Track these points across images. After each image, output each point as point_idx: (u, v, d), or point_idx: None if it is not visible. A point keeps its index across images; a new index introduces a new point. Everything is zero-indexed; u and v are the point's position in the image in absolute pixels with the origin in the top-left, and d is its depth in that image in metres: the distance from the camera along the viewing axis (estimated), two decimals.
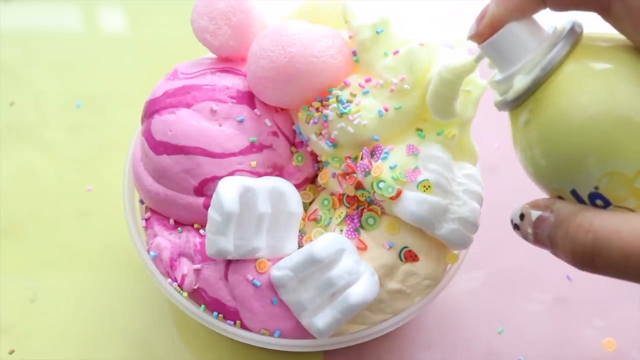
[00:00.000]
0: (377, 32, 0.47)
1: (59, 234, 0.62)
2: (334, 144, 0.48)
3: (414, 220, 0.46)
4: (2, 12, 0.75)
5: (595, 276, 0.44)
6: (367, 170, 0.46)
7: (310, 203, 0.51)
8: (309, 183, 0.52)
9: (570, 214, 0.37)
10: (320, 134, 0.48)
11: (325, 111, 0.48)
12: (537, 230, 0.39)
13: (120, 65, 0.73)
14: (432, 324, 0.58)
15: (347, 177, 0.47)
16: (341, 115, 0.47)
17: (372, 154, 0.47)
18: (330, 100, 0.48)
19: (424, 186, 0.45)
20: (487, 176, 0.51)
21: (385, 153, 0.46)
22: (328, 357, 0.55)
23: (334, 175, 0.49)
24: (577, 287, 0.60)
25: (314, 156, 0.51)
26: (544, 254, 0.63)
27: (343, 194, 0.49)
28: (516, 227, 0.40)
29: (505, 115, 0.64)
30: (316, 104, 0.48)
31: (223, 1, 0.49)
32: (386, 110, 0.47)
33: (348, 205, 0.49)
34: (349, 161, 0.47)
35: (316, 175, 0.52)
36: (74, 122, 0.69)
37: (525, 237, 0.41)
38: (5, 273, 0.60)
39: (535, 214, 0.39)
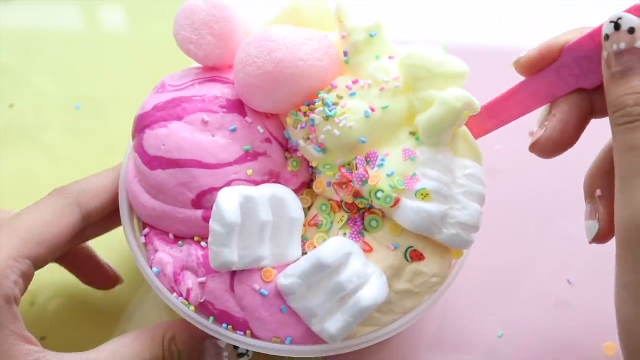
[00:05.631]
0: (371, 36, 0.47)
1: None
2: (323, 149, 0.48)
3: (413, 229, 0.46)
4: (2, 12, 0.76)
5: (595, 280, 0.44)
6: (364, 179, 0.46)
7: (309, 208, 0.51)
8: (305, 188, 0.51)
9: None
10: (309, 138, 0.48)
11: (312, 115, 0.47)
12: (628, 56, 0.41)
13: (119, 67, 0.74)
14: (432, 328, 0.58)
15: (343, 187, 0.47)
16: (327, 118, 0.47)
17: (368, 161, 0.47)
18: (317, 104, 0.47)
19: (422, 194, 0.45)
20: (488, 179, 0.51)
21: (382, 160, 0.46)
22: None
23: (329, 184, 0.48)
24: (578, 291, 0.60)
25: (307, 161, 0.51)
26: (545, 258, 0.62)
27: (341, 201, 0.48)
28: (607, 37, 0.42)
29: None
30: (304, 109, 0.48)
31: (204, 11, 0.49)
32: (372, 110, 0.46)
33: (348, 210, 0.48)
34: (343, 171, 0.47)
35: (312, 180, 0.51)
36: (74, 124, 0.70)
37: (608, 50, 0.42)
38: None
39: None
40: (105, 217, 0.52)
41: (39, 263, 0.49)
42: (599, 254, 0.60)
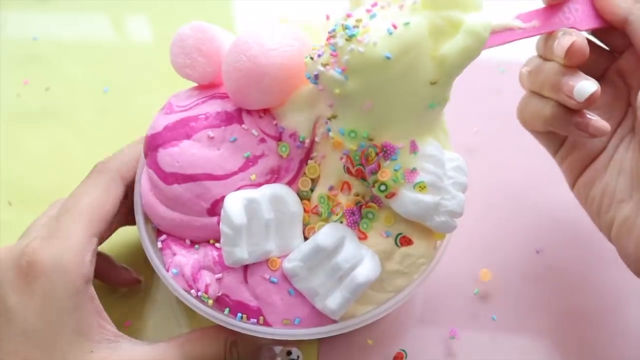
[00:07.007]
0: None
1: None
2: (345, 74, 0.46)
3: (409, 217, 0.49)
4: (39, 11, 0.82)
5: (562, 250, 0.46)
6: (374, 171, 0.48)
7: (312, 181, 0.52)
8: (305, 164, 0.52)
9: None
10: (328, 64, 0.46)
11: (332, 40, 0.46)
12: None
13: (140, 55, 0.79)
14: (418, 305, 0.62)
15: (355, 167, 0.49)
16: (350, 38, 0.45)
17: (385, 150, 0.48)
18: (337, 29, 0.46)
19: (420, 187, 0.48)
20: (467, 157, 0.54)
21: (396, 154, 0.48)
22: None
23: (345, 153, 0.49)
24: (545, 259, 0.63)
25: (295, 140, 0.51)
26: (515, 228, 0.65)
27: (344, 166, 0.50)
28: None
29: (482, 102, 0.66)
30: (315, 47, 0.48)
31: (191, 36, 0.52)
32: (394, 27, 0.45)
33: (347, 172, 0.50)
34: (363, 158, 0.48)
35: (308, 154, 0.52)
36: (101, 106, 0.75)
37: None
38: None
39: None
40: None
41: (100, 240, 0.51)
42: (564, 228, 0.64)
